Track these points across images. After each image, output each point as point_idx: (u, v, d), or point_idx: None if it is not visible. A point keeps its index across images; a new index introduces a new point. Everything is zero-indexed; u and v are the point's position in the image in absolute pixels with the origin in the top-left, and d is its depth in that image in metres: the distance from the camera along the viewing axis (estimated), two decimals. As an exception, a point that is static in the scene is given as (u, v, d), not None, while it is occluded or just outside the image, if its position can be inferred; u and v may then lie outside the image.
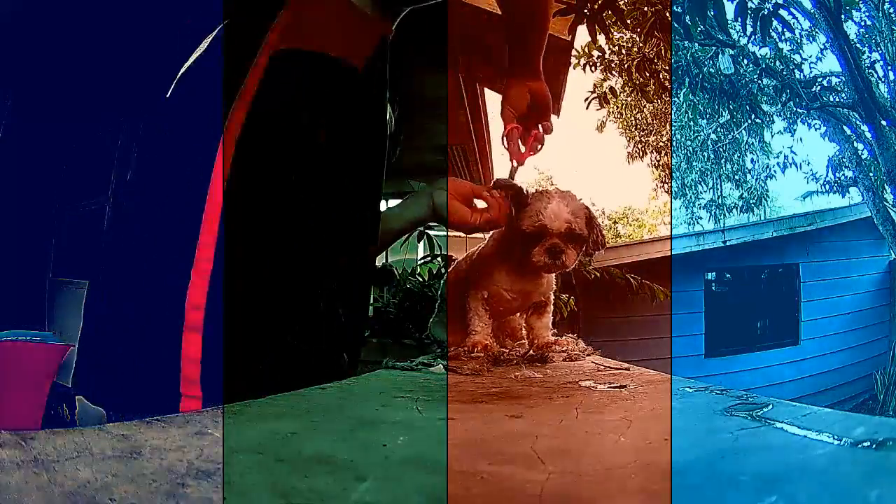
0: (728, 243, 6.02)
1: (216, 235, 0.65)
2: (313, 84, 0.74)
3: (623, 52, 3.69)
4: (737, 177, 10.45)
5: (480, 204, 0.88)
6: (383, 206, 0.89)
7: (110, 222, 0.79)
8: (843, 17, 5.93)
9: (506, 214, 0.86)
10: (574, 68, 3.50)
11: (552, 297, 0.94)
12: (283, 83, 0.71)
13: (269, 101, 0.70)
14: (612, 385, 0.58)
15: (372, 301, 3.23)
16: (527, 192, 0.86)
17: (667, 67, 3.58)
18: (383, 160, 0.83)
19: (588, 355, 0.87)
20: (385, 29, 0.81)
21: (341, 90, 0.76)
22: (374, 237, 0.83)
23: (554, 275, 0.92)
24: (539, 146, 0.94)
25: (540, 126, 0.93)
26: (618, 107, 9.89)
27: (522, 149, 0.93)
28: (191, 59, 0.77)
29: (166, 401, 0.62)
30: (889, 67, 7.07)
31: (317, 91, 0.74)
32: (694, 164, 10.54)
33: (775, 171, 10.21)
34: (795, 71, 6.69)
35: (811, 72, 7.30)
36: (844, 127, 6.94)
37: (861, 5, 6.86)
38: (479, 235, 0.97)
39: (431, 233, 2.90)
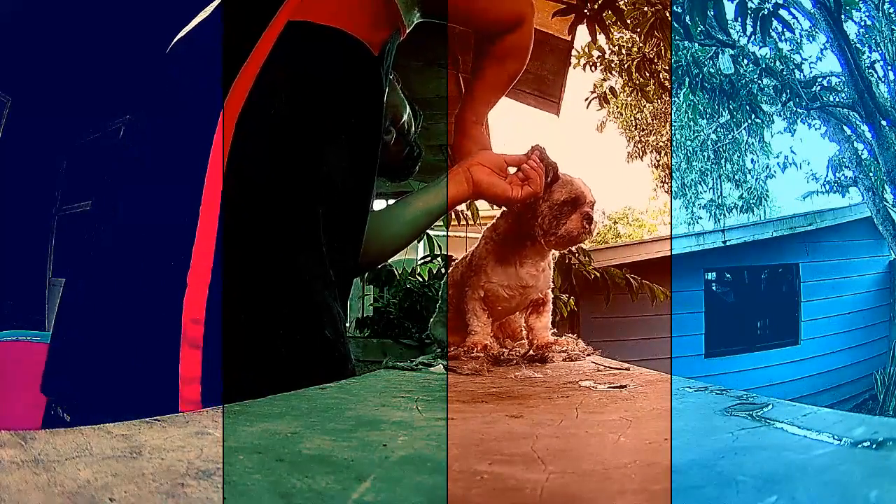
0: (728, 243, 6.03)
1: (216, 232, 0.59)
2: (328, 59, 0.70)
3: (623, 52, 3.69)
4: (737, 177, 10.46)
5: (510, 170, 0.87)
6: (380, 204, 0.87)
7: (95, 217, 0.73)
8: (843, 17, 5.93)
9: (543, 185, 0.85)
10: (574, 68, 3.51)
11: (551, 295, 0.94)
12: (297, 55, 0.68)
13: (278, 73, 0.66)
14: (612, 385, 0.58)
15: (372, 301, 3.24)
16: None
17: (667, 67, 3.58)
18: (377, 152, 0.80)
19: (588, 355, 0.87)
20: (400, 22, 0.78)
21: (355, 70, 0.73)
22: (361, 235, 0.79)
23: (552, 270, 0.93)
24: None
25: None
26: (618, 107, 9.91)
27: None
28: (192, 24, 0.74)
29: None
30: (889, 67, 7.07)
31: (330, 66, 0.70)
32: (694, 164, 10.54)
33: (775, 171, 10.23)
34: (795, 71, 6.70)
35: (811, 72, 7.31)
36: (844, 127, 6.95)
37: (861, 5, 6.86)
38: (479, 235, 0.97)
39: (431, 233, 2.90)
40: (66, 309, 0.68)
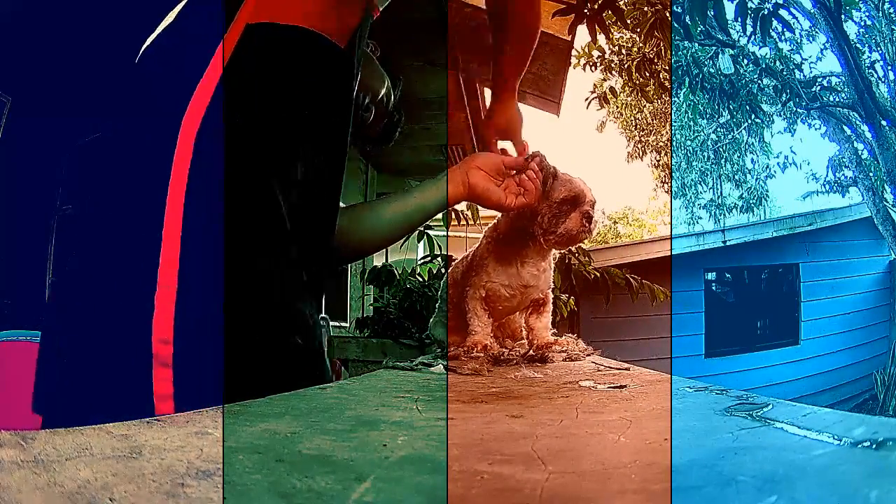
0: (728, 243, 6.03)
1: (179, 248, 0.58)
2: (291, 60, 0.68)
3: (623, 52, 3.70)
4: (737, 177, 10.47)
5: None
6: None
7: (59, 230, 0.71)
8: (843, 17, 5.94)
9: (539, 196, 0.85)
10: (574, 68, 3.51)
11: (551, 295, 0.94)
12: (257, 59, 0.65)
13: (240, 80, 0.63)
14: (612, 385, 0.58)
15: (372, 301, 3.24)
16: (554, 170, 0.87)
17: (667, 67, 3.58)
18: (346, 147, 0.78)
19: (588, 355, 0.87)
20: (370, 4, 0.76)
21: (320, 68, 0.70)
22: (332, 230, 0.77)
23: (553, 270, 0.93)
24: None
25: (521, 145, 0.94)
26: (618, 107, 9.92)
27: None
28: (156, 31, 0.71)
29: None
30: (889, 67, 7.08)
31: (294, 68, 0.68)
32: (694, 164, 10.55)
33: (775, 171, 10.24)
34: (795, 71, 6.70)
35: (811, 72, 7.32)
36: (844, 127, 6.96)
37: (861, 5, 6.87)
38: (479, 234, 0.97)
39: (431, 233, 2.90)
40: (48, 322, 0.68)
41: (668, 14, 2.60)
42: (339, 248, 0.81)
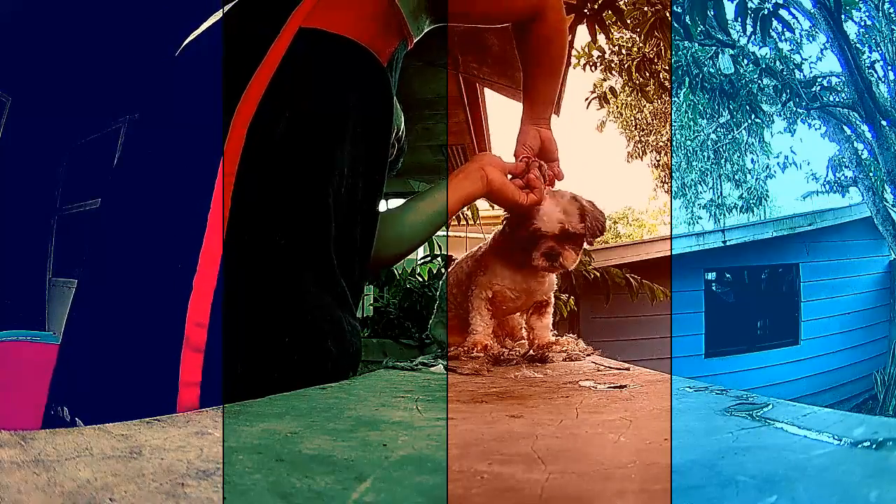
0: (728, 243, 6.03)
1: (223, 237, 0.59)
2: (340, 68, 0.69)
3: (623, 52, 3.69)
4: (737, 177, 10.47)
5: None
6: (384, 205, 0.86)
7: (99, 218, 0.69)
8: (843, 17, 5.94)
9: (544, 195, 0.85)
10: (574, 68, 3.51)
11: (553, 298, 0.94)
12: (309, 62, 0.67)
13: (291, 81, 0.65)
14: (612, 385, 0.58)
15: (372, 301, 3.24)
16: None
17: (667, 67, 3.58)
18: (387, 160, 0.79)
19: (588, 355, 0.87)
20: (407, 33, 0.78)
21: (368, 78, 0.72)
22: (372, 240, 0.78)
23: (556, 274, 0.93)
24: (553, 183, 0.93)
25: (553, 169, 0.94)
26: (618, 107, 9.92)
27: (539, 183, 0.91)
28: (200, 28, 0.73)
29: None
30: (889, 67, 7.08)
31: (345, 74, 0.70)
32: (694, 164, 10.55)
33: (775, 171, 10.24)
34: (795, 71, 6.70)
35: (811, 72, 7.32)
36: (844, 127, 6.95)
37: (861, 5, 6.87)
38: (479, 234, 0.97)
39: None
40: (75, 309, 0.68)
41: (668, 14, 2.60)
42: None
